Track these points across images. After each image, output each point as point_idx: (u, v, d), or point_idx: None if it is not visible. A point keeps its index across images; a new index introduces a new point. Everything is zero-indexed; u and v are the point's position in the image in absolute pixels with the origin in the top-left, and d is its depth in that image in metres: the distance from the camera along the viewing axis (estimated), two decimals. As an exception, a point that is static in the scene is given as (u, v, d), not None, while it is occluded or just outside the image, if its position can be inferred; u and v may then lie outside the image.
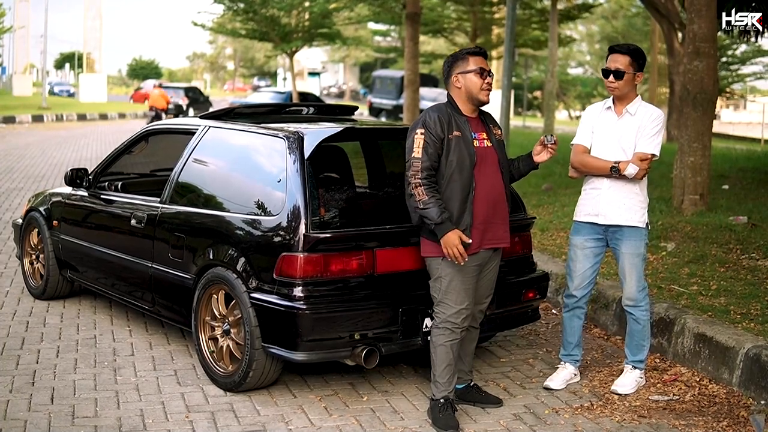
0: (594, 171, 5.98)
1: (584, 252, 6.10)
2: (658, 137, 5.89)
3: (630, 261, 5.96)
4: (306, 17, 35.91)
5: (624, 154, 5.89)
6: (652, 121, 5.89)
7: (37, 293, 8.24)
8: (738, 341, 6.05)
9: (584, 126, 6.13)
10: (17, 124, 37.18)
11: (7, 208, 13.60)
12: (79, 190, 7.82)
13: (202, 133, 6.74)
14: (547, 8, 34.14)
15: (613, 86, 5.92)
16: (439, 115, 5.32)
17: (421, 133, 5.27)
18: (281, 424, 5.39)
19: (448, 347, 5.38)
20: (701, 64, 10.58)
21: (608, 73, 5.94)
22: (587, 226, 6.08)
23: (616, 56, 5.93)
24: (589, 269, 6.12)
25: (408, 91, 22.94)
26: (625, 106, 5.96)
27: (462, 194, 5.27)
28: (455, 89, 5.44)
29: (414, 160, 5.24)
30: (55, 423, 5.30)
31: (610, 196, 5.93)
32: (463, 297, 5.36)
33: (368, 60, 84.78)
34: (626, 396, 5.94)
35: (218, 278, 5.92)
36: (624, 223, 5.92)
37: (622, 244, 5.96)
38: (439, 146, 5.26)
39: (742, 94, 66.81)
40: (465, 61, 5.43)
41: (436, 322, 5.40)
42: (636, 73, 5.92)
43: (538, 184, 14.47)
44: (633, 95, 5.96)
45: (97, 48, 61.73)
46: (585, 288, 6.15)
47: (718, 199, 11.81)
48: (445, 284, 5.33)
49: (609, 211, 5.94)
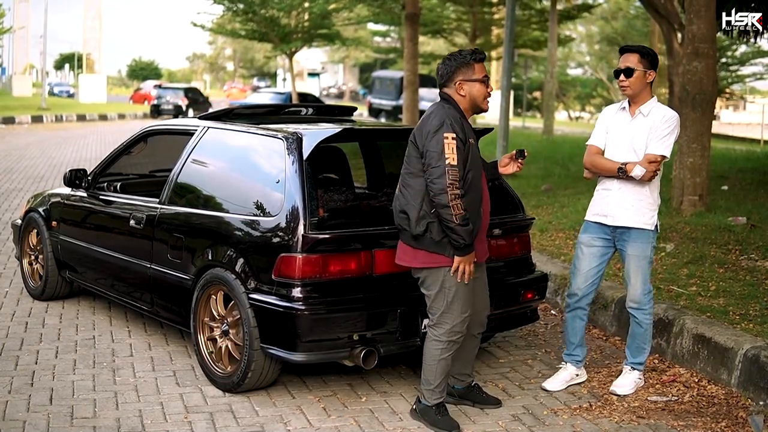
0: (603, 172, 5.99)
1: (590, 250, 6.09)
2: (669, 138, 5.86)
3: (636, 263, 5.95)
4: (305, 18, 35.93)
5: (635, 155, 5.88)
6: (665, 122, 5.86)
7: (36, 294, 8.24)
8: (737, 342, 6.05)
9: (599, 127, 6.14)
10: (17, 124, 37.15)
11: (6, 208, 13.60)
12: (78, 190, 7.82)
13: (201, 133, 6.74)
14: (547, 8, 34.14)
15: (624, 85, 5.92)
16: (458, 119, 5.18)
17: (452, 138, 5.06)
18: (280, 424, 5.39)
19: (448, 360, 5.37)
20: (700, 65, 10.58)
21: (619, 72, 5.94)
22: (595, 225, 6.08)
23: (626, 56, 5.93)
24: (593, 269, 6.10)
25: (407, 92, 22.93)
26: (639, 107, 5.96)
27: (477, 204, 5.24)
28: (458, 96, 5.31)
29: (450, 167, 5.02)
30: (54, 423, 5.30)
31: (619, 197, 5.93)
32: (467, 305, 5.34)
33: (368, 61, 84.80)
34: (625, 397, 5.95)
35: (217, 279, 5.93)
36: (631, 225, 5.91)
37: (629, 246, 5.95)
38: (464, 153, 5.13)
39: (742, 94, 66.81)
40: (470, 68, 5.30)
41: (437, 334, 5.33)
42: (647, 71, 5.90)
43: (538, 185, 14.46)
44: (647, 96, 5.95)
45: (96, 48, 61.73)
46: (587, 288, 6.13)
47: (717, 199, 11.81)
48: (451, 295, 5.26)
49: (617, 212, 5.94)
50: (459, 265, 5.16)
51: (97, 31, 61.50)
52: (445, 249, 5.18)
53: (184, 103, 45.61)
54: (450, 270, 5.20)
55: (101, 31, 61.81)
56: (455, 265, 5.16)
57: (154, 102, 47.14)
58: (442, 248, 5.18)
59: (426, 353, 5.40)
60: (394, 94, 43.58)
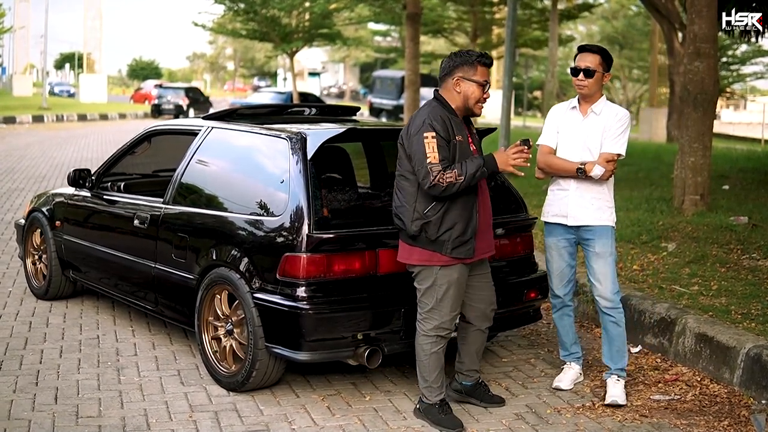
0: (560, 172, 5.97)
1: (559, 252, 6.10)
2: (623, 137, 5.88)
3: (603, 261, 5.92)
4: (306, 17, 35.99)
5: (590, 155, 5.88)
6: (618, 121, 5.88)
7: (39, 294, 8.26)
8: (739, 341, 6.07)
9: (549, 126, 6.12)
10: (17, 124, 37.16)
11: (8, 208, 13.62)
12: (82, 190, 7.83)
13: (204, 133, 6.75)
14: (548, 8, 34.17)
15: (582, 84, 5.92)
16: (442, 118, 5.22)
17: (432, 137, 5.13)
18: (284, 423, 5.41)
19: (439, 353, 5.40)
20: (702, 65, 10.58)
21: (578, 71, 5.92)
22: (557, 227, 6.07)
23: (587, 55, 5.94)
24: (566, 267, 6.11)
25: (409, 92, 22.95)
26: (590, 106, 5.97)
27: (468, 201, 5.26)
28: (453, 92, 5.34)
29: (432, 166, 5.08)
30: (59, 423, 5.32)
31: (577, 197, 5.92)
32: (457, 304, 5.38)
33: (368, 60, 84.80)
34: (627, 396, 5.95)
35: (221, 278, 5.94)
36: (594, 223, 5.92)
37: (595, 244, 5.93)
38: (447, 151, 5.18)
39: (743, 94, 66.85)
40: (473, 68, 5.32)
41: (425, 329, 5.37)
42: (605, 73, 5.94)
43: (539, 184, 14.42)
44: (599, 95, 5.97)
45: (97, 48, 61.69)
46: (566, 286, 6.15)
47: (718, 199, 11.82)
48: (441, 292, 5.30)
49: (578, 212, 5.93)
50: (509, 167, 5.28)
51: (98, 31, 61.46)
52: (440, 247, 5.22)
53: (185, 103, 45.62)
54: (443, 268, 5.26)
55: (101, 30, 61.76)
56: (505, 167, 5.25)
57: (155, 102, 47.15)
58: (438, 246, 5.22)
59: (417, 349, 5.43)
60: (395, 94, 43.61)
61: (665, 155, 19.49)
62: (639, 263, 8.48)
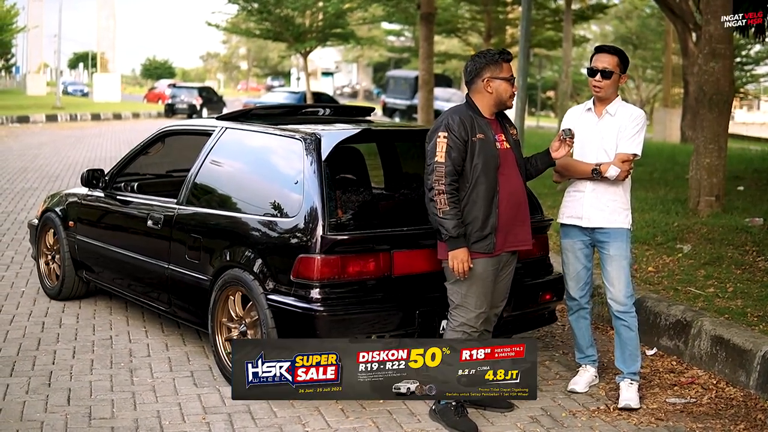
0: (576, 174, 5.95)
1: (575, 254, 6.07)
2: (639, 137, 5.85)
3: (617, 264, 5.89)
4: (320, 17, 36.00)
5: (606, 156, 5.85)
6: (633, 121, 5.85)
7: (52, 294, 8.26)
8: (755, 344, 6.03)
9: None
10: (31, 123, 37.25)
11: (22, 208, 13.63)
12: (96, 190, 7.82)
13: (218, 134, 6.74)
14: (562, 8, 34.08)
15: (599, 86, 5.88)
16: (461, 118, 5.29)
17: (444, 137, 5.24)
18: (298, 426, 5.39)
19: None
20: (717, 65, 10.53)
21: (595, 72, 5.89)
22: (573, 228, 6.04)
23: (604, 56, 5.91)
24: (582, 269, 6.08)
25: (422, 92, 22.91)
26: (606, 107, 5.94)
27: (488, 197, 5.28)
28: (485, 93, 5.40)
29: (437, 164, 5.21)
30: (72, 424, 5.31)
31: (593, 198, 5.89)
32: (483, 300, 5.37)
33: (382, 60, 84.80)
34: (642, 399, 5.92)
35: (235, 280, 5.93)
36: (609, 226, 5.88)
37: (609, 247, 5.90)
38: (462, 149, 5.23)
39: (756, 94, 66.61)
40: (499, 67, 5.40)
41: (453, 326, 5.41)
42: (621, 75, 5.91)
43: (554, 185, 14.40)
44: (614, 96, 5.94)
45: (110, 48, 61.93)
46: (583, 288, 6.12)
47: (733, 200, 11.77)
48: (465, 288, 5.33)
49: (593, 214, 5.90)
50: (452, 262, 5.24)
51: (111, 31, 61.72)
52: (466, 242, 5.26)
53: (198, 103, 45.67)
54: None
55: (115, 30, 62.05)
56: (449, 259, 5.25)
57: (169, 101, 47.26)
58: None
59: None
60: (408, 94, 43.58)
61: (680, 156, 19.43)
62: (654, 265, 8.44)
